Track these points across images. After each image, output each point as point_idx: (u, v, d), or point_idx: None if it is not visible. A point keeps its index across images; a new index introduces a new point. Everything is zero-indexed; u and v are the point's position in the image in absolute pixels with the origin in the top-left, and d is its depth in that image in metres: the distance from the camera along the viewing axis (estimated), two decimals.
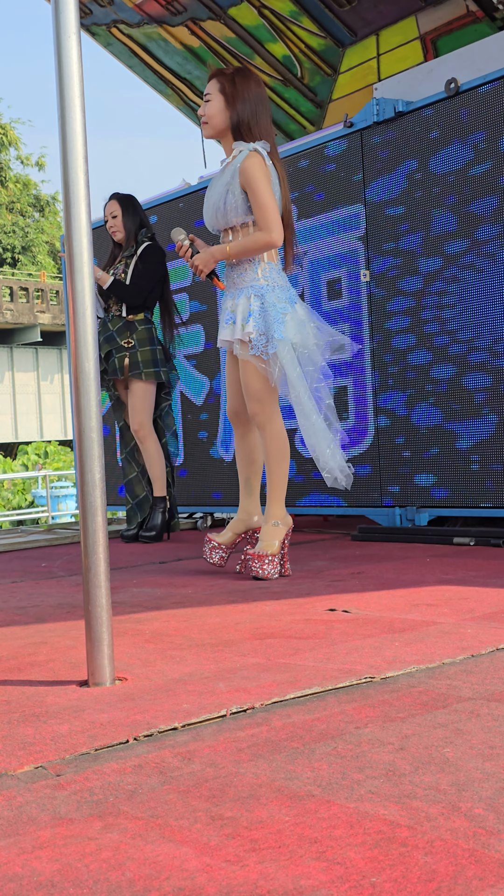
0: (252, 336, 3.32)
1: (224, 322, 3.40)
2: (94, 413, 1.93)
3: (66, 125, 1.94)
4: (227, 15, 6.56)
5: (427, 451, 4.28)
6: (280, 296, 3.38)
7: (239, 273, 3.40)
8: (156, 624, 2.59)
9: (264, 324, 3.32)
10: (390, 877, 0.99)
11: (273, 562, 3.35)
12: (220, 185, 3.37)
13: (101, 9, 6.75)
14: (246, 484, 3.57)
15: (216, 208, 3.36)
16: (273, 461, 3.40)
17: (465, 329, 4.11)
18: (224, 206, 3.34)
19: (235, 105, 3.37)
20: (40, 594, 3.35)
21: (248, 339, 3.33)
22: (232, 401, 3.57)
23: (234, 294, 3.40)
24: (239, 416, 3.56)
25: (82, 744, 1.53)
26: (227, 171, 3.37)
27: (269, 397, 3.38)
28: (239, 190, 3.32)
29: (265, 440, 3.41)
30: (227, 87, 3.39)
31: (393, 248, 4.36)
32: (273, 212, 3.31)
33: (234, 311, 3.37)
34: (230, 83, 3.39)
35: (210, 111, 3.41)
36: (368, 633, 2.27)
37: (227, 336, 3.37)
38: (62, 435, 32.74)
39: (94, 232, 5.49)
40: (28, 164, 39.96)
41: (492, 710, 1.57)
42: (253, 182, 3.29)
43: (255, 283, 3.37)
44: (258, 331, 3.32)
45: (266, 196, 3.30)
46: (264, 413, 3.38)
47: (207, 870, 1.04)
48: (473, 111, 4.03)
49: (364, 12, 6.29)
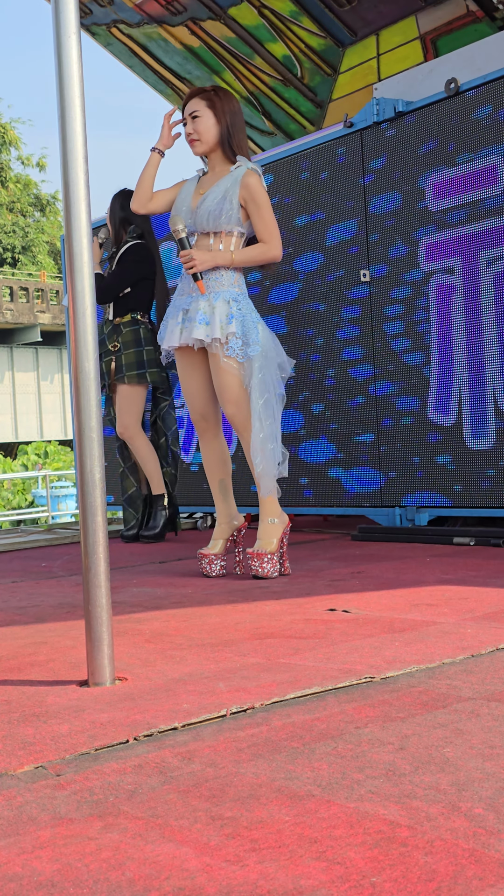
0: (231, 338, 3.38)
1: (198, 321, 3.41)
2: (94, 413, 1.93)
3: (66, 125, 1.94)
4: (227, 15, 6.56)
5: (428, 451, 4.28)
6: (251, 306, 3.50)
7: (216, 277, 3.46)
8: (156, 624, 2.59)
9: (243, 328, 3.40)
10: (390, 877, 0.99)
11: (272, 560, 3.36)
12: (217, 191, 3.43)
13: (101, 9, 6.75)
14: (221, 486, 3.60)
15: (209, 211, 3.42)
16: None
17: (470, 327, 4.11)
18: (219, 212, 3.42)
19: (225, 119, 3.49)
20: (40, 594, 3.36)
21: (226, 340, 3.38)
22: (198, 403, 3.57)
23: (207, 296, 3.44)
24: (207, 420, 3.58)
25: (82, 744, 1.53)
26: (226, 179, 3.44)
27: (245, 399, 3.43)
28: (237, 201, 3.42)
29: (247, 439, 3.43)
30: (216, 102, 3.49)
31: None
32: (276, 228, 3.48)
33: (206, 313, 3.41)
34: (217, 98, 3.49)
35: (201, 127, 3.48)
36: (368, 632, 2.27)
37: (201, 335, 3.40)
38: (62, 435, 32.74)
39: (94, 231, 5.50)
40: (29, 164, 39.97)
41: (492, 710, 1.57)
42: (258, 198, 3.42)
43: (232, 289, 3.46)
44: (238, 333, 3.38)
45: (270, 212, 3.46)
46: (241, 414, 3.42)
47: (207, 870, 1.04)
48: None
49: (364, 12, 6.29)
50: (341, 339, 4.63)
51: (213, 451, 3.61)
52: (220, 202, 3.41)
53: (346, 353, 4.59)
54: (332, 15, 6.39)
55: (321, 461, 4.73)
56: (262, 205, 3.42)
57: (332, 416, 4.66)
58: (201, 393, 3.57)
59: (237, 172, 3.44)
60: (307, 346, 4.78)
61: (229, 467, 3.63)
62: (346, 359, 4.60)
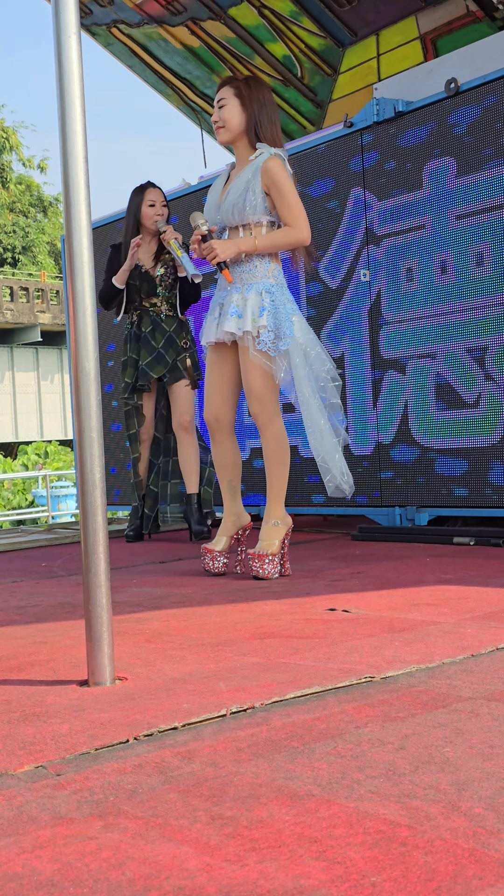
0: (262, 331, 3.31)
1: (229, 314, 3.35)
2: (94, 413, 1.93)
3: (66, 125, 1.94)
4: (227, 15, 6.55)
5: (428, 451, 4.28)
6: (288, 297, 3.41)
7: (248, 269, 3.39)
8: (156, 623, 2.59)
9: (275, 321, 3.32)
10: (390, 876, 0.99)
11: (273, 561, 3.35)
12: (239, 182, 3.37)
13: (101, 9, 6.75)
14: (229, 486, 3.55)
15: (233, 204, 3.36)
16: (274, 461, 3.40)
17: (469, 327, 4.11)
18: (243, 203, 3.35)
19: (252, 108, 3.41)
20: (40, 594, 3.36)
21: (258, 334, 3.31)
22: (215, 403, 3.50)
23: (240, 289, 3.38)
24: (220, 421, 3.50)
25: (82, 743, 1.53)
26: (247, 170, 3.38)
27: (271, 396, 3.37)
28: (260, 189, 3.35)
29: (266, 440, 3.39)
30: (244, 91, 3.41)
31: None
32: (302, 210, 3.37)
33: (239, 305, 3.35)
34: (245, 87, 3.42)
35: (226, 115, 3.41)
36: (368, 632, 2.27)
37: (232, 328, 3.33)
38: (62, 435, 32.73)
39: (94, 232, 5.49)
40: (30, 166, 39.95)
41: (492, 710, 1.57)
42: (280, 182, 3.33)
43: (266, 280, 3.38)
44: (269, 326, 3.31)
45: (294, 195, 3.36)
46: (266, 413, 3.36)
47: (207, 869, 1.04)
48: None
49: (364, 12, 6.29)
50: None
51: (224, 453, 3.53)
52: (244, 193, 3.34)
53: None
54: (332, 15, 6.39)
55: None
56: (284, 188, 3.33)
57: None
58: (220, 392, 3.49)
59: (258, 160, 3.36)
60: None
61: (239, 468, 3.58)
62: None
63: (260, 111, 3.41)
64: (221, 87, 3.45)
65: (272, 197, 3.35)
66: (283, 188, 3.33)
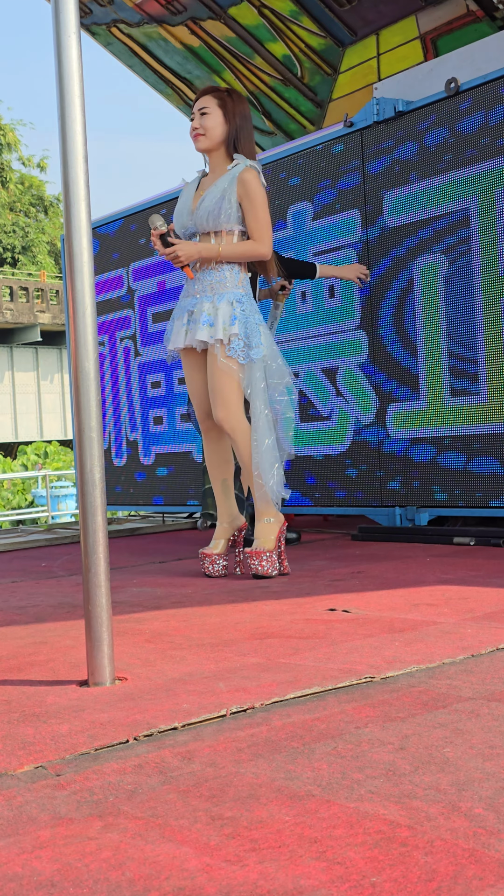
0: (233, 339, 3.39)
1: (200, 323, 3.42)
2: (94, 413, 1.93)
3: (66, 125, 1.94)
4: (227, 14, 6.55)
5: (428, 452, 4.28)
6: (255, 307, 3.50)
7: (218, 279, 3.46)
8: (156, 624, 2.59)
9: (245, 330, 3.41)
10: (390, 876, 0.99)
11: (271, 558, 3.37)
12: (215, 190, 3.44)
13: (101, 8, 6.75)
14: (223, 486, 3.60)
15: (209, 211, 3.43)
16: (250, 463, 3.44)
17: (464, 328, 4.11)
18: (219, 211, 3.42)
19: (234, 121, 3.49)
20: (40, 594, 3.36)
21: (228, 341, 3.39)
22: (203, 403, 3.58)
23: (211, 298, 3.45)
24: (211, 419, 3.58)
25: (82, 743, 1.53)
26: (224, 178, 3.45)
27: (237, 402, 3.44)
28: (235, 198, 3.42)
29: (239, 444, 3.45)
30: (228, 103, 3.49)
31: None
32: (269, 226, 3.47)
33: (210, 314, 3.42)
34: (229, 99, 3.50)
35: (208, 124, 3.48)
36: (368, 632, 2.27)
37: (204, 337, 3.41)
38: (62, 435, 32.72)
39: (94, 231, 5.50)
40: (30, 165, 39.93)
41: (492, 710, 1.57)
42: (253, 194, 3.41)
43: (236, 290, 3.46)
44: (240, 335, 3.39)
45: (264, 210, 3.45)
46: (231, 417, 3.43)
47: (207, 869, 1.04)
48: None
49: (364, 12, 6.29)
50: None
51: (216, 452, 3.61)
52: (219, 201, 3.42)
53: None
54: (332, 15, 6.39)
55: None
56: (255, 201, 3.41)
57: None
58: (206, 393, 3.56)
59: (235, 170, 3.45)
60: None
61: (232, 467, 3.64)
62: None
63: (241, 125, 3.50)
64: (204, 96, 3.53)
65: (243, 207, 3.44)
66: (255, 201, 3.42)
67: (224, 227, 3.44)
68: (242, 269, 3.50)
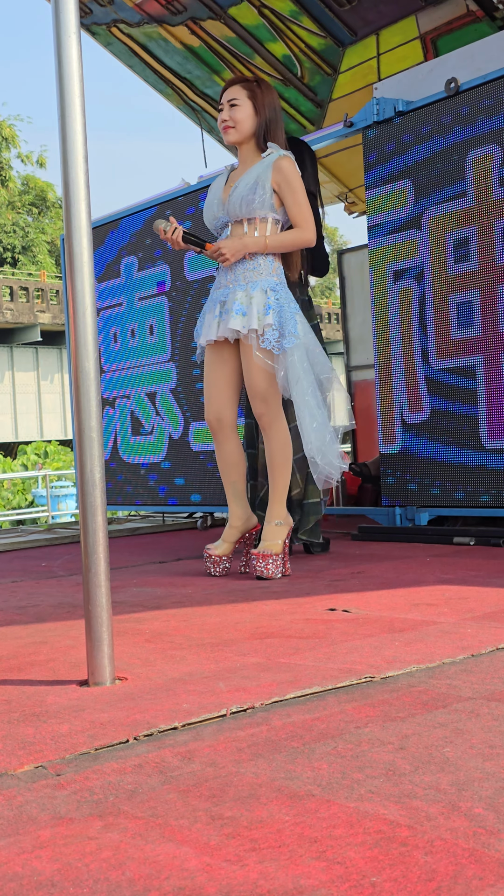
0: (267, 329, 3.31)
1: (234, 312, 3.34)
2: (94, 413, 1.93)
3: (66, 125, 1.94)
4: (227, 14, 6.55)
5: (429, 451, 4.28)
6: (290, 296, 3.41)
7: (252, 267, 3.39)
8: (156, 623, 2.59)
9: (279, 319, 3.32)
10: (390, 876, 0.99)
11: (277, 561, 3.35)
12: (249, 177, 3.38)
13: (101, 8, 6.74)
14: (233, 488, 3.53)
15: (242, 197, 3.36)
16: (277, 461, 3.40)
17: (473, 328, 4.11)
18: (253, 196, 3.36)
19: (265, 112, 3.43)
20: (40, 594, 3.36)
21: (262, 332, 3.31)
22: (217, 403, 3.48)
23: (244, 286, 3.38)
24: (222, 422, 3.49)
25: (82, 743, 1.53)
26: (258, 166, 3.39)
27: (275, 396, 3.37)
28: (269, 186, 3.36)
29: (270, 440, 3.38)
30: (258, 94, 3.43)
31: None
32: (311, 212, 3.41)
33: (244, 303, 3.34)
34: (259, 90, 3.44)
35: (239, 116, 3.42)
36: (368, 632, 2.27)
37: (237, 326, 3.32)
38: (62, 435, 32.72)
39: (94, 231, 5.49)
40: (28, 162, 39.90)
41: (492, 710, 1.57)
42: (292, 181, 3.37)
43: (270, 278, 3.38)
44: (274, 325, 3.31)
45: (304, 196, 3.39)
46: (270, 412, 3.37)
47: (207, 869, 1.04)
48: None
49: (364, 12, 6.28)
50: None
51: (227, 454, 3.52)
52: (253, 187, 3.35)
53: None
54: (332, 14, 6.38)
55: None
56: (296, 188, 3.36)
57: None
58: (223, 391, 3.48)
59: (269, 158, 3.39)
60: None
61: (243, 469, 3.57)
62: None
63: (271, 116, 3.44)
64: (232, 86, 3.45)
65: (282, 195, 3.37)
66: (294, 187, 3.36)
67: (258, 214, 3.37)
68: (277, 258, 3.42)
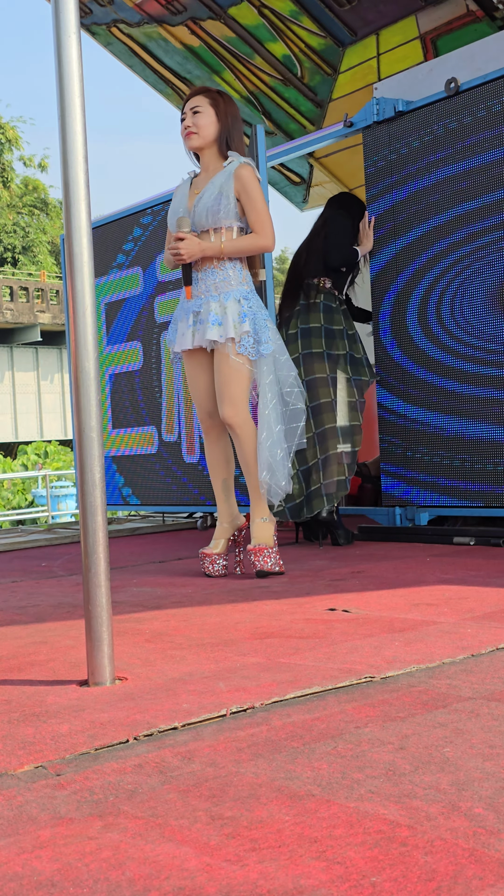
0: (244, 336, 3.41)
1: (210, 323, 3.43)
2: (94, 413, 1.93)
3: (66, 125, 1.94)
4: (227, 14, 6.55)
5: (428, 451, 4.28)
6: (261, 303, 3.52)
7: (222, 278, 3.48)
8: (156, 623, 2.59)
9: (254, 326, 3.43)
10: (390, 876, 0.99)
11: (272, 554, 3.40)
12: (213, 187, 3.47)
13: (101, 8, 6.74)
14: (224, 486, 3.62)
15: (207, 208, 3.45)
16: (252, 461, 3.44)
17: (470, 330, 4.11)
18: (218, 207, 3.44)
19: (226, 121, 3.53)
20: (40, 594, 3.36)
21: (239, 339, 3.41)
22: (207, 402, 3.59)
23: (217, 297, 3.46)
24: (213, 418, 3.60)
25: (82, 743, 1.53)
26: (220, 175, 3.48)
27: (244, 400, 3.46)
28: (233, 194, 3.45)
29: (242, 441, 3.46)
30: (219, 103, 3.53)
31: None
32: (269, 218, 3.50)
33: (218, 314, 3.43)
34: (220, 99, 3.54)
35: (201, 122, 3.51)
36: (368, 632, 2.27)
37: (215, 336, 3.42)
38: (62, 435, 32.72)
39: (94, 231, 5.50)
40: (31, 165, 39.89)
41: (492, 710, 1.57)
42: (252, 189, 3.45)
43: (241, 287, 3.48)
44: (251, 332, 3.41)
45: (263, 203, 3.48)
46: (239, 416, 3.45)
47: (207, 869, 1.04)
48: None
49: (364, 12, 6.28)
50: None
51: (217, 451, 3.62)
52: (217, 198, 3.44)
53: None
54: (332, 14, 6.38)
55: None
56: (253, 196, 3.44)
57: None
58: (207, 392, 3.58)
59: (230, 167, 3.47)
60: None
61: (232, 467, 3.66)
62: None
63: (233, 125, 3.54)
64: (195, 96, 3.55)
65: (242, 203, 3.46)
66: (253, 195, 3.45)
67: (223, 224, 3.46)
68: (245, 267, 3.51)
